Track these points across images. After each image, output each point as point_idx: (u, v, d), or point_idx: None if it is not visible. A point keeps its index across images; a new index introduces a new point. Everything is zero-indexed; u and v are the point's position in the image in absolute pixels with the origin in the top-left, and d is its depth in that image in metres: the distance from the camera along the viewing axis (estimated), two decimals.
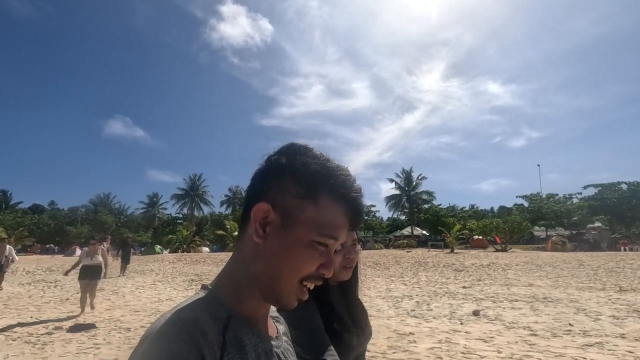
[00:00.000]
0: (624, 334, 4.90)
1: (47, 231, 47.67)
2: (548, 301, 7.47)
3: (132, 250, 18.96)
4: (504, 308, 6.88)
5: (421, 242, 36.55)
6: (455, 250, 27.79)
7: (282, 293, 0.50)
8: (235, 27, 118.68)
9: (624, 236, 28.62)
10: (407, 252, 27.38)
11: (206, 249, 35.97)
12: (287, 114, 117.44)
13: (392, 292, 9.24)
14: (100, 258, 6.98)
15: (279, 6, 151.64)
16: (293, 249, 0.49)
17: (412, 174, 46.70)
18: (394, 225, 51.22)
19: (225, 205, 59.06)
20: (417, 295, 8.73)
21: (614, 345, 4.45)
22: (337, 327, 0.97)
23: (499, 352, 4.25)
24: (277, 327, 0.62)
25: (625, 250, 23.47)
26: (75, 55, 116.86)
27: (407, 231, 43.42)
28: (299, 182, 0.50)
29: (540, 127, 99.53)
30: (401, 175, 46.86)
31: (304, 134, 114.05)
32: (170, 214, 60.58)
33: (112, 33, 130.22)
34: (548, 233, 35.23)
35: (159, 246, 37.66)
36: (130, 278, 12.39)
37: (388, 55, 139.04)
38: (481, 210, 54.72)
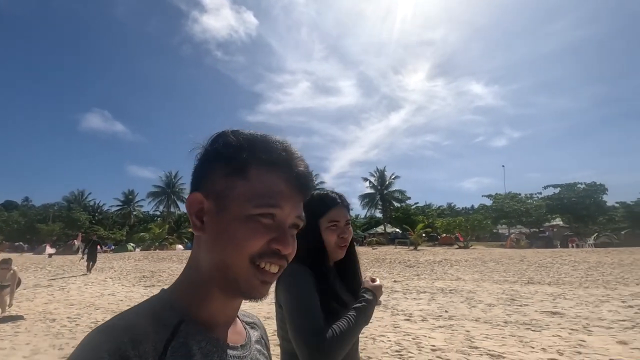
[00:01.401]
0: (478, 318, 5.81)
1: (17, 229, 46.74)
2: (450, 292, 8.40)
3: (102, 248, 19.14)
4: (407, 299, 7.75)
5: (391, 240, 37.74)
6: (420, 248, 29.00)
7: (238, 279, 0.46)
8: (219, 19, 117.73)
9: (575, 234, 30.42)
10: (373, 249, 28.43)
11: (180, 247, 36.15)
12: (273, 110, 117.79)
13: None
14: (7, 283, 6.35)
15: (266, 1, 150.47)
16: (230, 228, 0.46)
17: (386, 173, 48.09)
18: (371, 223, 52.46)
19: None
20: None
21: (461, 326, 5.33)
22: (335, 306, 0.97)
23: (365, 332, 5.06)
24: (249, 334, 0.56)
25: (572, 247, 25.11)
26: (51, 45, 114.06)
27: (381, 229, 44.65)
28: (225, 163, 0.48)
29: (521, 127, 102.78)
30: (375, 174, 48.17)
31: (290, 130, 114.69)
32: (148, 211, 60.18)
33: (91, 22, 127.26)
34: (511, 230, 36.97)
35: (131, 244, 37.64)
36: (86, 276, 12.79)
37: (374, 54, 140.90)
38: (460, 208, 56.55)
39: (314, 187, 0.52)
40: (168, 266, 16.26)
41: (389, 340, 4.76)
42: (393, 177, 47.53)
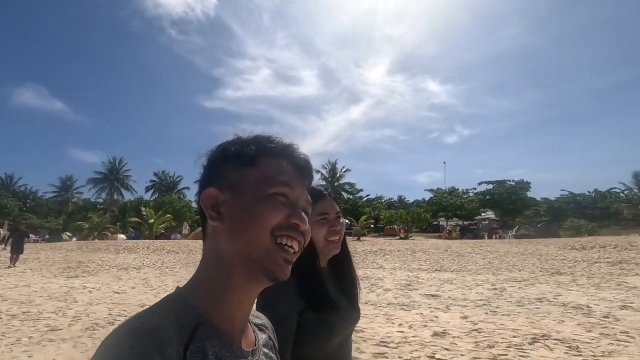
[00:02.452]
0: (368, 301, 6.72)
1: None
2: (362, 279, 9.30)
3: (28, 238, 17.92)
4: None
5: None
6: (365, 239, 30.59)
7: (262, 258, 0.47)
8: None
9: (502, 226, 33.83)
10: None
11: (122, 236, 34.67)
12: (232, 96, 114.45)
13: None
14: None
15: None
16: (250, 208, 0.48)
17: (337, 165, 49.59)
18: None
19: (151, 191, 56.67)
20: None
21: None
22: (325, 308, 0.93)
23: None
24: (257, 337, 0.57)
25: (495, 238, 27.99)
26: None
27: None
28: (235, 157, 0.51)
29: (471, 126, 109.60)
30: (327, 167, 49.47)
31: (249, 118, 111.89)
32: (89, 198, 56.46)
33: None
34: (449, 223, 40.09)
35: (68, 233, 35.41)
36: (9, 268, 12.18)
37: (337, 46, 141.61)
38: (412, 201, 59.38)
39: (313, 175, 0.57)
40: (100, 256, 15.85)
41: None
42: (344, 169, 49.23)
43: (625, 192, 38.30)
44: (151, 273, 11.21)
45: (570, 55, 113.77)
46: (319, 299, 0.93)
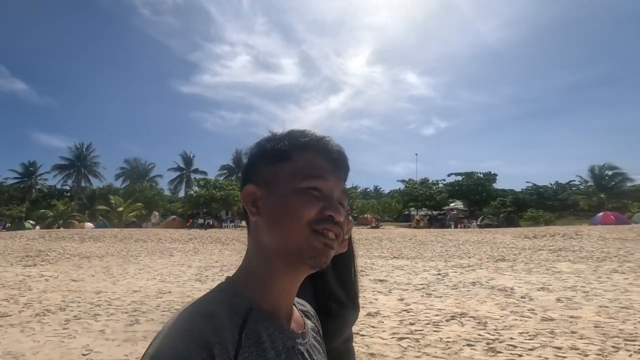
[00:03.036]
0: None
1: None
2: None
3: None
4: None
5: None
6: None
7: (301, 248, 0.49)
8: None
9: (467, 217, 35.45)
10: None
11: (90, 225, 33.73)
12: (210, 82, 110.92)
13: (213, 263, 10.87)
14: None
15: None
16: (285, 203, 0.50)
17: None
18: None
19: (122, 179, 55.03)
20: (217, 266, 10.48)
21: None
22: (331, 304, 0.94)
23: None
24: (305, 322, 0.59)
25: (460, 227, 29.37)
26: None
27: None
28: (270, 154, 0.53)
29: (447, 118, 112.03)
30: None
31: (227, 105, 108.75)
32: (54, 185, 54.14)
33: None
34: (419, 212, 41.51)
35: (31, 221, 34.09)
36: None
37: (318, 34, 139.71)
38: (388, 191, 60.68)
39: (349, 167, 0.58)
40: (63, 245, 15.57)
41: None
42: None
43: (582, 185, 40.83)
44: (114, 261, 11.24)
45: (541, 52, 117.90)
46: (324, 299, 0.93)
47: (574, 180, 45.29)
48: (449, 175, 42.25)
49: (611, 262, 9.48)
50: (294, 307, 0.58)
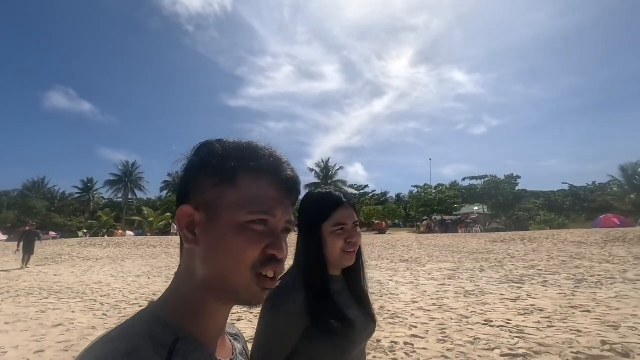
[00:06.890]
0: None
1: None
2: None
3: (41, 237, 20.06)
4: None
5: None
6: None
7: (238, 289, 0.46)
8: None
9: (468, 220, 34.83)
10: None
11: (130, 233, 38.59)
12: (255, 94, 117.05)
13: None
14: None
15: None
16: (226, 239, 0.46)
17: (329, 164, 52.25)
18: None
19: (165, 191, 61.23)
20: None
21: None
22: (334, 323, 0.88)
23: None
24: (234, 346, 0.57)
25: (461, 232, 29.24)
26: (8, 17, 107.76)
27: None
28: (212, 172, 0.48)
29: (500, 115, 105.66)
30: (320, 165, 52.03)
31: (272, 115, 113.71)
32: (111, 198, 61.75)
33: None
34: (433, 217, 41.39)
35: (84, 230, 39.77)
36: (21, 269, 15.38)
37: (358, 38, 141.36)
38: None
39: (300, 191, 0.54)
40: (81, 250, 18.96)
41: None
42: (337, 168, 51.78)
43: (614, 186, 38.03)
44: (102, 262, 14.03)
45: (607, 38, 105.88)
46: (326, 318, 0.88)
47: (613, 180, 42.06)
48: (463, 180, 41.70)
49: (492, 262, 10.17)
50: (224, 332, 0.56)
